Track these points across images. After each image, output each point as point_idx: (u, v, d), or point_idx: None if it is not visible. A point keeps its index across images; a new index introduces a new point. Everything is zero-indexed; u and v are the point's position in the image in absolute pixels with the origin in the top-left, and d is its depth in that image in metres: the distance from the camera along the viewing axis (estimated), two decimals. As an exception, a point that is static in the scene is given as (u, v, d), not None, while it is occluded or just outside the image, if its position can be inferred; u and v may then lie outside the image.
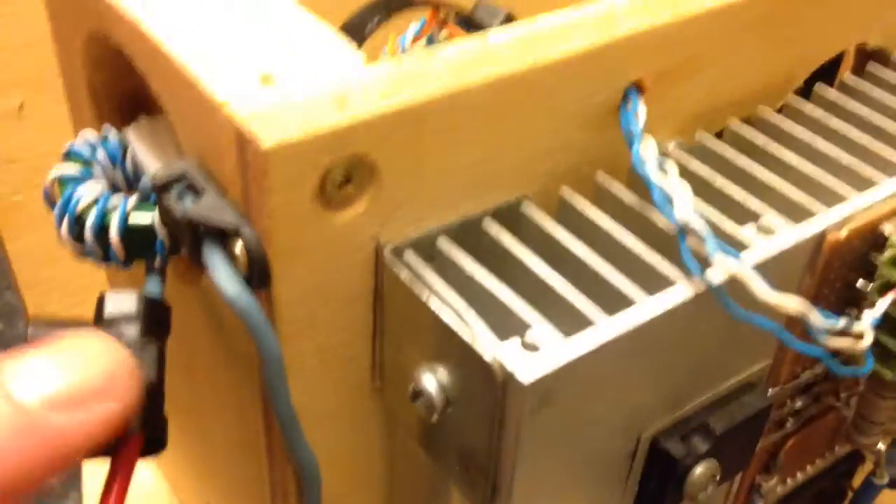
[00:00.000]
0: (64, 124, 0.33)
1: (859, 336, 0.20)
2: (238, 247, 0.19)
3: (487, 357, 0.18)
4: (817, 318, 0.19)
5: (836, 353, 0.20)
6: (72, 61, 0.25)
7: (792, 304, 0.18)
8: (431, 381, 0.20)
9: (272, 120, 0.17)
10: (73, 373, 0.17)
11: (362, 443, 0.24)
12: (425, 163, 0.20)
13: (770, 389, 0.24)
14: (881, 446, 0.28)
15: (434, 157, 0.20)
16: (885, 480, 0.29)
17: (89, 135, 0.23)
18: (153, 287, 0.22)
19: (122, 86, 0.25)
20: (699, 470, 0.22)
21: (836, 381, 0.26)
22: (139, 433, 0.20)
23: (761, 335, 0.23)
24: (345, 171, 0.18)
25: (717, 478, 0.23)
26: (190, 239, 0.19)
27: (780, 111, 0.26)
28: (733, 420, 0.23)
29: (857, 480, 0.32)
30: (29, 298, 0.35)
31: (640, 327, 0.19)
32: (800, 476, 0.29)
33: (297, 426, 0.21)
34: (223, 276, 0.19)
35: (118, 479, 0.20)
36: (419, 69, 0.19)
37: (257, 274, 0.19)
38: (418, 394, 0.20)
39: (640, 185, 0.23)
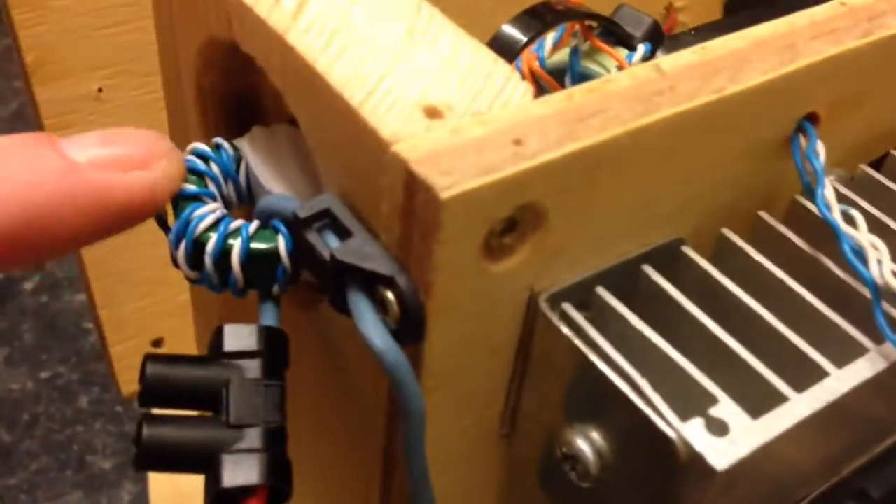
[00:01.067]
0: (140, 110, 0.31)
1: None
2: (390, 296, 0.17)
3: (671, 434, 0.16)
4: None
5: None
6: (178, 61, 0.23)
7: None
8: (586, 445, 0.18)
9: (446, 164, 0.15)
10: (117, 145, 0.19)
11: (481, 491, 0.22)
12: (592, 206, 0.18)
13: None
14: None
15: (602, 200, 0.18)
16: None
17: (199, 147, 0.21)
18: (270, 317, 0.20)
19: (234, 89, 0.22)
20: (852, 537, 0.21)
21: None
22: (264, 486, 0.18)
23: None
24: (512, 217, 0.16)
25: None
26: (333, 284, 0.17)
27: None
28: (891, 484, 0.21)
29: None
30: (97, 290, 0.33)
31: (833, 403, 0.17)
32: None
33: (429, 484, 0.20)
34: (371, 327, 0.17)
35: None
36: (594, 105, 0.17)
37: (411, 328, 0.17)
38: (570, 458, 0.18)
39: (801, 224, 0.21)
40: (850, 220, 0.18)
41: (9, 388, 0.53)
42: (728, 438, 0.16)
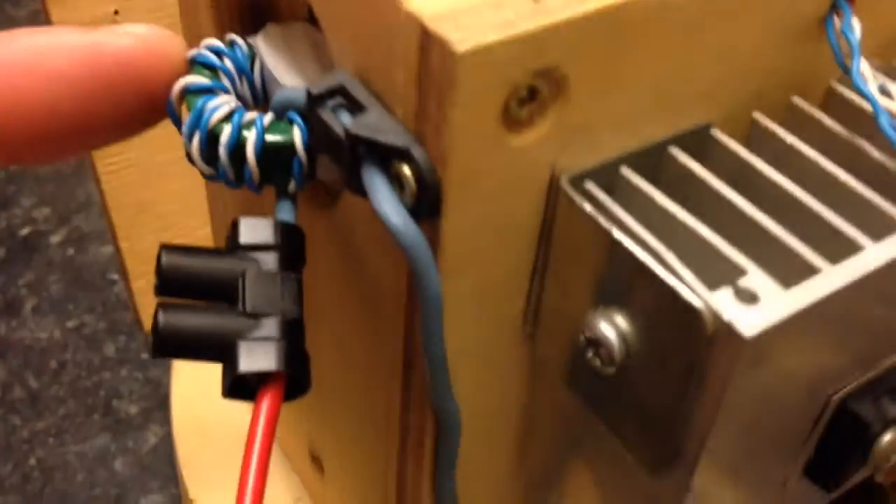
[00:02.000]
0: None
1: None
2: (406, 171, 0.16)
3: (698, 304, 0.15)
4: None
5: None
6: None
7: None
8: (610, 329, 0.18)
9: (462, 20, 0.15)
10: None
11: (503, 393, 0.22)
12: (615, 78, 0.17)
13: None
14: None
15: (626, 72, 0.17)
16: None
17: (213, 42, 0.21)
18: (287, 213, 0.20)
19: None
20: (889, 436, 0.20)
21: None
22: (282, 374, 0.18)
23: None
24: (532, 85, 0.16)
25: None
26: (348, 160, 0.17)
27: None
28: (884, 382, 0.20)
29: None
30: (118, 221, 0.33)
31: (867, 276, 0.16)
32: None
33: (447, 371, 0.19)
34: (387, 203, 0.16)
35: (263, 424, 0.18)
36: (619, -34, 0.16)
37: (427, 202, 0.16)
38: (593, 342, 0.18)
39: (837, 110, 0.20)
40: (887, 94, 0.17)
41: (37, 337, 0.53)
42: (758, 307, 0.15)
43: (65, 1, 0.28)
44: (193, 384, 0.33)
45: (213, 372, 0.18)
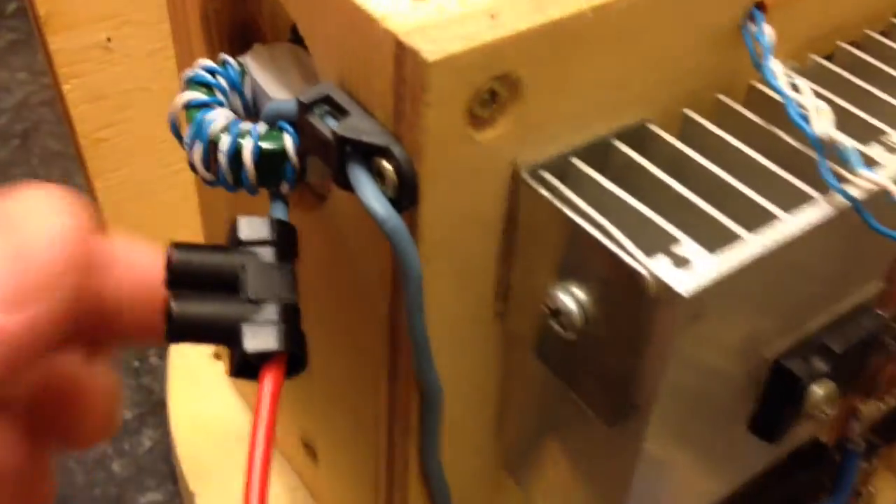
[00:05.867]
0: (150, 59, 0.33)
1: None
2: (386, 166, 0.19)
3: (641, 270, 0.18)
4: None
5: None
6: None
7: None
8: (569, 299, 0.20)
9: (431, 34, 0.17)
10: (17, 261, 0.16)
11: (479, 367, 0.24)
12: (564, 82, 0.20)
13: (881, 312, 0.25)
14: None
15: (573, 76, 0.20)
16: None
17: (206, 62, 0.23)
18: (280, 211, 0.22)
19: (236, 14, 0.24)
20: (818, 388, 0.23)
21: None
22: (283, 353, 0.20)
23: (877, 255, 0.23)
24: (492, 88, 0.18)
25: (835, 395, 0.23)
26: (335, 159, 0.19)
27: (882, 34, 0.26)
28: (850, 340, 0.23)
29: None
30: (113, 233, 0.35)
31: (786, 243, 0.19)
32: (893, 400, 0.29)
33: (429, 347, 0.22)
34: (372, 195, 0.19)
35: (268, 399, 0.20)
36: (561, -13, 0.19)
37: (407, 193, 0.19)
38: (556, 312, 0.20)
39: (757, 105, 0.23)
40: (795, 88, 0.20)
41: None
42: (690, 269, 0.18)
43: (59, 31, 0.31)
44: (189, 385, 0.36)
45: (206, 372, 0.20)
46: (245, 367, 0.21)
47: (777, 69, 0.20)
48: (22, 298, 0.16)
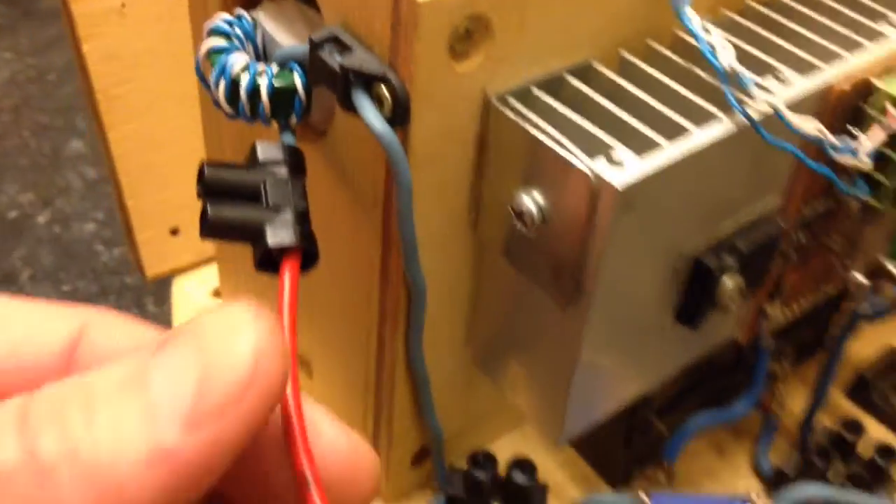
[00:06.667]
0: (159, 23, 0.38)
1: (861, 159, 0.25)
2: (384, 91, 0.24)
3: (585, 169, 0.23)
4: (830, 137, 0.24)
5: (841, 172, 0.26)
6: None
7: (811, 126, 0.24)
8: (530, 200, 0.25)
9: (420, -16, 0.22)
10: (211, 388, 0.15)
11: (455, 270, 0.29)
12: (525, 24, 0.25)
13: (781, 221, 0.30)
14: (863, 279, 0.34)
15: (532, 20, 0.25)
16: (867, 310, 0.36)
17: (225, 15, 0.28)
18: (290, 139, 0.27)
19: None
20: (728, 280, 0.28)
21: (830, 221, 0.32)
22: (298, 248, 0.25)
23: (778, 169, 0.29)
24: (467, 27, 0.23)
25: (742, 289, 0.28)
26: (341, 88, 0.24)
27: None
28: (755, 242, 0.28)
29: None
30: (125, 184, 0.39)
31: (698, 150, 0.24)
32: (796, 307, 0.35)
33: (416, 249, 0.27)
34: (372, 115, 0.24)
35: (289, 285, 0.24)
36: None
37: (400, 114, 0.24)
38: (519, 214, 0.25)
39: (680, 50, 0.28)
40: (706, 30, 0.26)
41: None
42: (623, 168, 0.23)
43: (82, -4, 0.35)
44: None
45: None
46: (267, 261, 0.25)
47: (693, 16, 0.26)
48: (200, 419, 0.15)
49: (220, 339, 0.15)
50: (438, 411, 0.32)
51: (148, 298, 0.47)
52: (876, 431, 0.39)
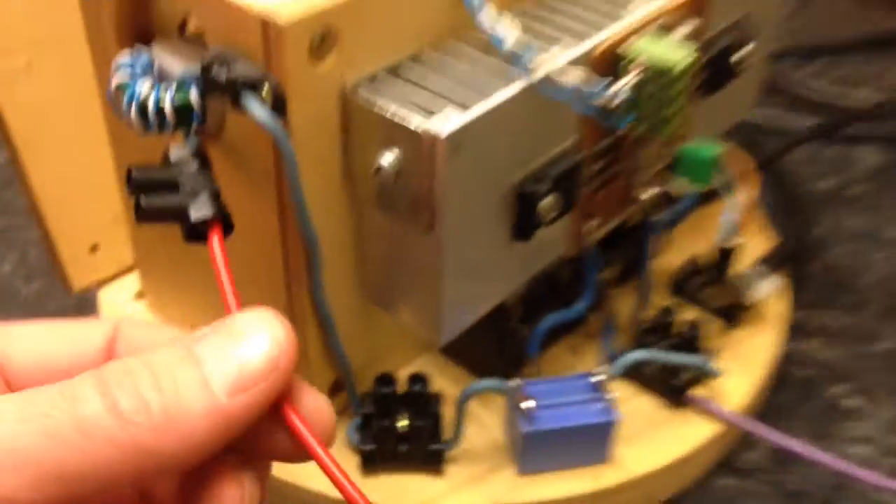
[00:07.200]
0: (62, 75, 0.44)
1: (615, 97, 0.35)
2: (265, 91, 0.32)
3: (420, 127, 0.32)
4: (590, 84, 0.34)
5: (602, 110, 0.36)
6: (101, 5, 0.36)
7: (574, 77, 0.34)
8: (387, 159, 0.34)
9: (282, 9, 0.30)
10: (249, 366, 0.21)
11: (339, 224, 0.37)
12: (367, 29, 0.33)
13: (579, 154, 0.40)
14: (648, 193, 0.44)
15: (373, 25, 0.33)
16: (665, 218, 0.46)
17: (128, 53, 0.35)
18: (194, 141, 0.35)
19: (137, 20, 0.36)
20: (544, 202, 0.37)
21: (618, 151, 0.42)
22: (218, 218, 0.32)
23: (569, 114, 0.38)
24: (322, 37, 0.32)
25: (557, 207, 0.38)
26: (231, 94, 0.32)
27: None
28: (562, 170, 0.38)
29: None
30: (46, 212, 0.45)
31: (503, 103, 0.33)
32: (609, 223, 0.45)
33: (306, 209, 0.35)
34: (258, 110, 0.32)
35: (219, 251, 0.32)
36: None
37: (280, 106, 0.32)
38: (379, 169, 0.34)
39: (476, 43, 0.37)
40: (496, 20, 0.35)
41: None
42: (448, 121, 0.32)
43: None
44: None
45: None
46: (193, 233, 0.32)
47: (485, 18, 0.35)
48: (241, 387, 0.21)
49: (254, 331, 0.22)
50: (345, 346, 0.40)
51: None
52: (690, 314, 0.50)
